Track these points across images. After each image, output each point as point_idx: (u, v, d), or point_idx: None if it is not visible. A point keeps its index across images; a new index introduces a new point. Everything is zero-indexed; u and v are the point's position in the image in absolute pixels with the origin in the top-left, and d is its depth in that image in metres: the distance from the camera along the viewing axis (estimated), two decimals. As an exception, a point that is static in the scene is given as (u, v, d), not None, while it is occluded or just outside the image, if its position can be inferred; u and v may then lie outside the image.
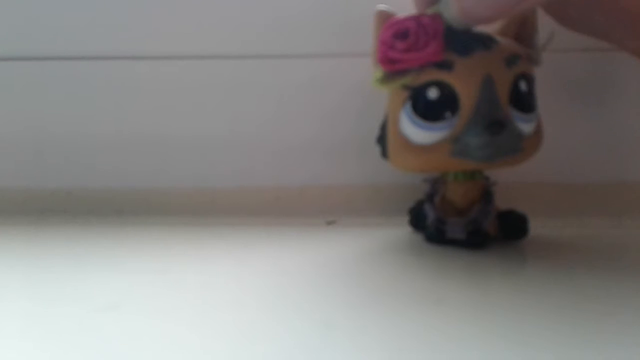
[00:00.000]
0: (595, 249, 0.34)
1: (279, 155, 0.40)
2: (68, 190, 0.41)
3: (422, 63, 0.29)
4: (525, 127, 0.30)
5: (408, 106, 0.30)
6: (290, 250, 0.34)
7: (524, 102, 0.30)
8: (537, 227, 0.34)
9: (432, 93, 0.30)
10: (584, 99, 0.39)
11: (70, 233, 0.37)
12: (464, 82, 0.29)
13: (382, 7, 0.31)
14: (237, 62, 0.39)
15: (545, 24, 0.32)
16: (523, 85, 0.30)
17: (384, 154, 0.33)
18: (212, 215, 0.40)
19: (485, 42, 0.30)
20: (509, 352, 0.21)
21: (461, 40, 0.29)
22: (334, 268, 0.30)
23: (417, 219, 0.36)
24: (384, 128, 0.33)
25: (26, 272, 0.31)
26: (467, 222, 0.32)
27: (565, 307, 0.25)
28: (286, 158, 0.40)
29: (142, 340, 0.22)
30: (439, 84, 0.30)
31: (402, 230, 0.36)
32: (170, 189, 0.41)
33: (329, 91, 0.39)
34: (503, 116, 0.29)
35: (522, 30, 0.32)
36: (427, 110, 0.30)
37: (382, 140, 0.33)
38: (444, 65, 0.29)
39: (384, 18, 0.30)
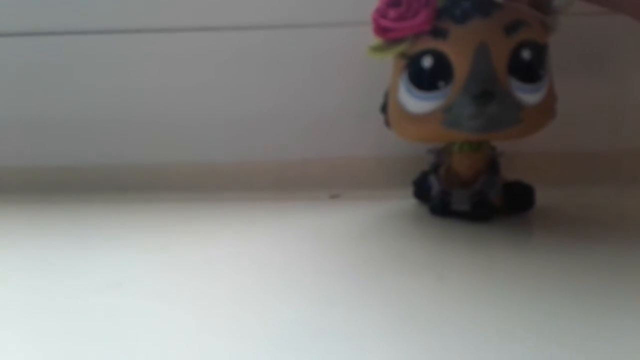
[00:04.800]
0: (601, 219, 0.34)
1: (281, 129, 0.41)
2: (71, 167, 0.42)
3: (412, 32, 0.30)
4: (528, 97, 0.30)
5: (405, 75, 0.31)
6: (294, 225, 0.35)
7: (526, 71, 0.30)
8: (542, 198, 0.34)
9: (427, 62, 0.30)
10: (590, 67, 0.39)
11: (73, 210, 0.39)
12: (458, 50, 0.30)
13: None
14: (236, 35, 0.40)
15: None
16: (526, 54, 0.30)
17: (387, 122, 0.34)
18: (215, 190, 0.41)
19: (485, 9, 0.30)
20: (510, 328, 0.22)
21: (459, 8, 0.30)
22: (337, 243, 0.31)
23: (421, 191, 0.36)
24: (387, 96, 0.34)
25: (29, 250, 0.32)
26: (472, 194, 0.33)
27: (571, 281, 0.26)
28: (289, 131, 0.41)
29: (145, 318, 0.24)
30: (434, 53, 0.30)
31: (406, 202, 0.37)
32: (173, 165, 0.42)
33: (331, 64, 0.40)
34: (495, 86, 0.29)
35: None
36: (421, 79, 0.31)
37: (384, 109, 0.34)
38: (439, 34, 0.30)
39: None
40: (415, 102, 0.31)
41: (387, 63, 0.33)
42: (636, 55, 0.39)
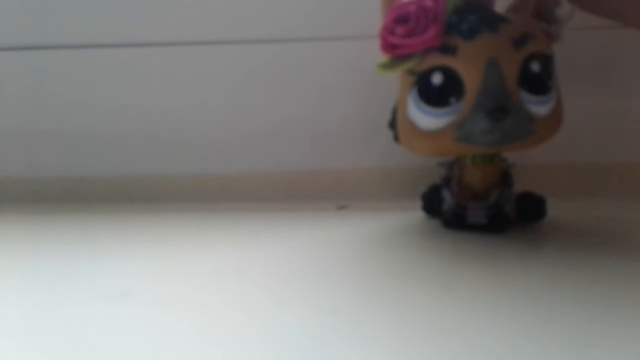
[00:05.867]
0: (610, 232, 0.34)
1: (290, 142, 0.42)
2: (81, 178, 0.43)
3: (422, 48, 0.30)
4: (538, 109, 0.31)
5: (414, 92, 0.31)
6: (301, 236, 0.35)
7: (535, 83, 0.30)
8: (553, 209, 0.35)
9: (436, 79, 0.30)
10: (600, 79, 0.39)
11: (82, 220, 0.39)
12: (468, 66, 0.30)
13: None
14: (245, 49, 0.40)
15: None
16: (535, 66, 0.30)
17: (396, 138, 0.34)
18: (223, 201, 0.41)
19: (492, 23, 0.30)
20: (517, 339, 0.22)
21: (467, 23, 0.30)
22: (343, 254, 0.32)
23: (430, 205, 0.37)
24: (394, 113, 0.34)
25: (37, 260, 0.33)
26: (488, 206, 0.33)
27: (579, 293, 0.26)
28: (297, 144, 0.42)
29: (152, 327, 0.24)
30: (443, 69, 0.30)
31: (413, 214, 0.37)
32: (180, 176, 0.42)
33: (339, 77, 0.40)
34: (508, 101, 0.30)
35: (542, 4, 0.32)
36: (431, 96, 0.31)
37: (392, 125, 0.34)
38: (448, 50, 0.30)
39: (390, 1, 0.31)
40: (426, 119, 0.31)
41: (396, 76, 0.33)
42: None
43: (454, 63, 0.30)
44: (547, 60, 0.31)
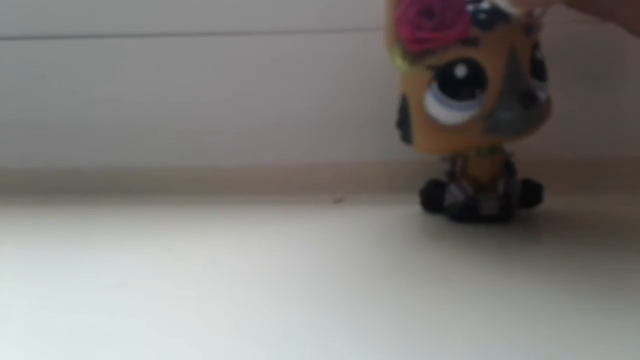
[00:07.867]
0: (607, 227, 0.35)
1: (287, 134, 0.41)
2: (76, 169, 0.42)
3: (452, 41, 0.30)
4: (542, 95, 0.32)
5: (435, 87, 0.31)
6: (298, 229, 0.35)
7: (540, 70, 0.32)
8: (549, 203, 0.35)
9: (460, 71, 0.30)
10: (598, 73, 0.40)
11: (78, 212, 0.39)
12: (490, 57, 0.30)
13: None
14: (241, 41, 0.40)
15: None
16: (539, 54, 0.31)
17: (405, 138, 0.33)
18: (220, 194, 0.41)
19: (504, 14, 0.30)
20: (512, 328, 0.23)
21: (483, 14, 0.30)
22: (340, 247, 0.32)
23: (430, 200, 0.36)
24: (403, 112, 0.33)
25: (35, 251, 0.32)
26: (499, 197, 0.33)
27: (576, 287, 0.26)
28: (293, 136, 0.41)
29: (149, 318, 0.24)
30: (466, 61, 0.30)
31: (410, 208, 0.37)
32: (177, 168, 0.42)
33: (337, 69, 0.40)
34: (531, 87, 0.30)
35: None
36: (456, 89, 0.31)
37: (402, 124, 0.33)
38: (470, 42, 0.30)
39: None
40: (451, 113, 0.31)
41: (396, 71, 0.32)
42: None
43: (477, 54, 0.30)
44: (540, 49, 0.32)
